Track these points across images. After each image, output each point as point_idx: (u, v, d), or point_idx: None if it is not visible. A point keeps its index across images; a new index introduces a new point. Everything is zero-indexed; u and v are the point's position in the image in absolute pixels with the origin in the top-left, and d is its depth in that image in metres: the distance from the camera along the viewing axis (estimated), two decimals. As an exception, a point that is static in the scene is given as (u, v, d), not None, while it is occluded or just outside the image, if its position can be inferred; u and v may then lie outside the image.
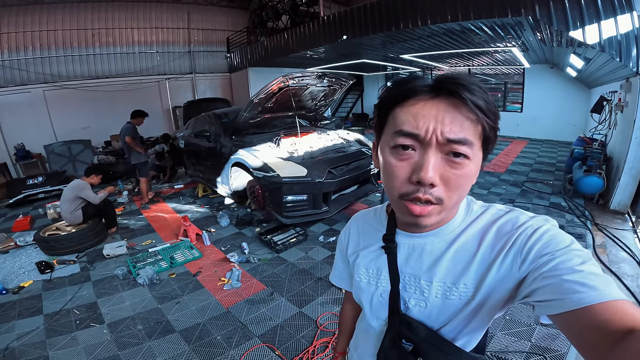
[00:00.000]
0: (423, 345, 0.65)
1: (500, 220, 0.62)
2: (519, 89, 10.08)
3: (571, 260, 0.49)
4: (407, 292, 0.68)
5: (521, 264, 0.55)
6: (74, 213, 4.20)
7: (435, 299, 0.64)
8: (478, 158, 0.56)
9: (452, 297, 0.62)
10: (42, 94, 8.81)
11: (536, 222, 0.58)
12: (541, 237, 0.55)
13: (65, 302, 3.02)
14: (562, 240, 0.54)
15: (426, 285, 0.65)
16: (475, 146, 0.54)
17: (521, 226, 0.59)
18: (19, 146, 8.14)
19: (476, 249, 0.61)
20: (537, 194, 5.19)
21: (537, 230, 0.56)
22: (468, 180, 0.56)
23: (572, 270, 0.48)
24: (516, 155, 7.91)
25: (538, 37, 5.29)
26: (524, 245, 0.56)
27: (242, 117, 4.67)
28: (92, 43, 9.42)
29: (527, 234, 0.57)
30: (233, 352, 2.32)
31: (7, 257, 4.06)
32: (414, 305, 0.67)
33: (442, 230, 0.65)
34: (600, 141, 5.55)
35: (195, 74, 11.26)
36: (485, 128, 0.54)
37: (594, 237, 3.73)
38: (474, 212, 0.66)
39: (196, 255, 3.78)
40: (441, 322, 0.64)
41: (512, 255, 0.57)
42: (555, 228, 0.57)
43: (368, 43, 6.80)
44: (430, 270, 0.65)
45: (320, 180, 3.90)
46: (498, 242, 0.60)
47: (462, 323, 0.63)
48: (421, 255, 0.67)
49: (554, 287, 0.48)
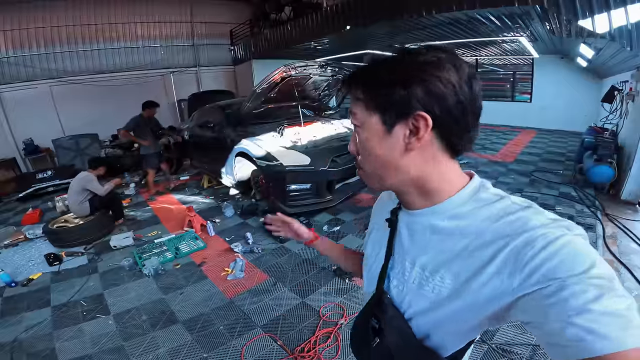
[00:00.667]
0: (385, 326, 0.63)
1: (509, 217, 0.53)
2: (527, 79, 9.88)
3: (585, 293, 0.41)
4: (394, 271, 0.67)
5: (520, 283, 0.47)
6: (81, 205, 4.25)
7: (411, 284, 0.62)
8: (370, 123, 0.59)
9: (426, 288, 0.59)
10: (48, 89, 8.91)
11: (552, 231, 0.47)
12: (554, 254, 0.45)
13: (73, 294, 3.07)
14: (580, 261, 0.44)
15: (409, 267, 0.63)
16: (358, 113, 0.60)
17: (529, 231, 0.49)
18: (28, 141, 8.27)
19: (467, 244, 0.55)
20: (547, 183, 5.11)
21: (550, 243, 0.46)
22: (366, 146, 0.60)
23: (582, 310, 0.40)
24: (525, 145, 7.79)
25: (547, 27, 5.15)
26: (529, 261, 0.46)
27: (245, 107, 4.66)
28: (97, 38, 9.47)
29: (536, 248, 0.46)
30: (235, 342, 2.33)
31: (16, 250, 4.13)
32: (395, 286, 0.65)
33: (435, 209, 0.60)
34: (611, 130, 5.43)
35: (199, 67, 11.26)
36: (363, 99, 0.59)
37: (604, 227, 3.66)
38: (481, 199, 0.58)
39: (201, 245, 3.80)
40: (413, 312, 0.62)
41: (509, 269, 0.49)
42: (575, 241, 0.46)
43: (372, 33, 6.71)
44: (416, 253, 0.63)
45: (324, 168, 3.88)
46: (492, 243, 0.52)
47: (434, 321, 0.59)
48: (412, 234, 0.64)
49: (557, 329, 0.42)
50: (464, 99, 0.53)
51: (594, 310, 0.40)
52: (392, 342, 0.62)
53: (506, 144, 7.95)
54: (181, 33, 10.86)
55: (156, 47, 10.47)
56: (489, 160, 6.55)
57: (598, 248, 3.22)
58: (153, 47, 10.42)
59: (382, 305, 0.65)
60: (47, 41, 8.81)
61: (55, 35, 8.89)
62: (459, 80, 0.52)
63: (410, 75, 0.53)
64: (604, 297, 0.40)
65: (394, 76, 0.55)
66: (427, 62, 0.53)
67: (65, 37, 9.04)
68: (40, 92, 8.79)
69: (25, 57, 8.56)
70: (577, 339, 0.40)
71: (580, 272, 0.43)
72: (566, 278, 0.43)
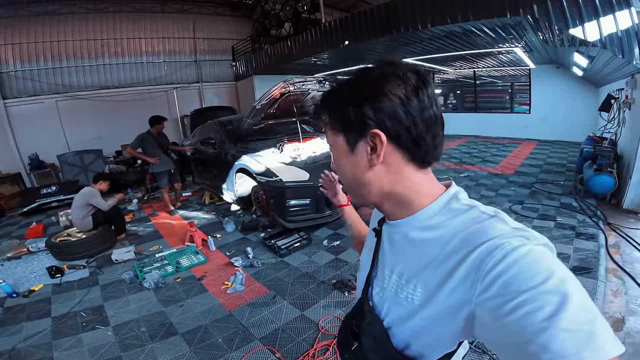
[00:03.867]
0: (362, 331, 0.65)
1: (473, 226, 0.54)
2: (526, 90, 9.96)
3: (541, 309, 0.40)
4: (377, 278, 0.69)
5: (479, 294, 0.47)
6: (85, 220, 4.30)
7: (389, 292, 0.64)
8: (337, 143, 0.64)
9: (401, 295, 0.60)
10: (54, 104, 9.07)
11: (511, 241, 0.47)
12: (510, 266, 0.45)
13: (73, 305, 3.10)
14: (535, 273, 0.43)
15: (387, 275, 0.65)
16: (328, 136, 0.66)
17: (488, 242, 0.49)
18: (33, 156, 8.36)
19: (436, 254, 0.56)
20: (547, 194, 5.10)
21: (508, 254, 0.46)
22: (338, 164, 0.67)
23: (538, 328, 0.40)
24: (525, 156, 7.80)
25: (540, 37, 5.25)
26: (488, 273, 0.46)
27: (245, 123, 4.74)
28: (102, 53, 9.70)
29: (495, 259, 0.46)
30: (233, 355, 2.33)
31: (19, 263, 4.19)
32: (376, 293, 0.68)
33: (409, 221, 0.62)
34: (610, 139, 5.45)
35: (202, 83, 11.46)
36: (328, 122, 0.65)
37: (606, 237, 3.64)
38: (452, 210, 0.59)
39: (201, 260, 3.82)
40: (391, 320, 0.63)
41: (471, 280, 0.49)
42: (533, 251, 0.46)
43: (370, 48, 6.84)
44: (394, 262, 0.65)
45: None
46: (457, 253, 0.52)
47: (412, 330, 0.59)
48: (391, 244, 0.67)
49: (514, 348, 0.43)
50: (413, 110, 0.55)
51: (550, 327, 0.39)
52: (368, 346, 0.64)
53: (506, 156, 7.97)
54: (184, 49, 11.11)
55: (160, 63, 10.70)
56: (489, 173, 6.56)
57: (601, 257, 3.20)
58: (157, 62, 10.64)
59: (362, 311, 0.67)
60: (55, 56, 9.02)
61: (62, 50, 9.11)
62: (405, 92, 0.55)
63: (360, 96, 0.57)
64: (560, 313, 0.39)
65: (348, 98, 0.59)
66: (374, 79, 0.57)
67: (72, 51, 9.26)
68: (47, 106, 8.94)
69: (33, 72, 8.75)
70: (534, 357, 0.39)
71: (536, 285, 0.42)
72: (522, 292, 0.42)
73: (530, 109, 9.94)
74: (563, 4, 3.72)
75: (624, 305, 2.57)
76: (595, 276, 2.89)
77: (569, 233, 3.76)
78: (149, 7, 10.30)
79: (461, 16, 4.58)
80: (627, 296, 2.67)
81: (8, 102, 8.41)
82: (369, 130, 0.57)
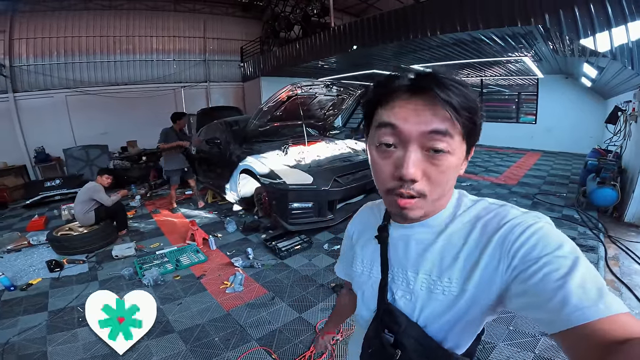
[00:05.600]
0: (403, 336, 0.64)
1: (489, 215, 0.60)
2: (532, 100, 9.92)
3: (557, 270, 0.47)
4: (395, 283, 0.68)
5: (507, 268, 0.53)
6: (87, 214, 4.32)
7: (420, 291, 0.64)
8: (460, 150, 0.57)
9: (436, 291, 0.62)
10: (64, 98, 9.19)
11: (526, 219, 0.56)
12: (529, 238, 0.52)
13: (71, 300, 3.10)
14: (550, 242, 0.51)
15: (412, 277, 0.65)
16: (454, 139, 0.55)
17: (508, 223, 0.56)
18: (39, 149, 8.47)
19: (462, 244, 0.61)
20: (549, 206, 5.07)
21: (526, 229, 0.53)
22: (449, 174, 0.58)
23: (555, 286, 0.46)
24: (529, 167, 7.75)
25: (550, 47, 5.24)
26: (511, 247, 0.53)
27: (251, 124, 4.75)
28: (113, 50, 9.83)
29: (515, 234, 0.54)
30: (230, 354, 2.32)
31: (19, 255, 4.20)
32: (400, 297, 0.67)
33: (430, 222, 0.65)
34: (615, 152, 5.41)
35: (209, 82, 11.55)
36: (461, 122, 0.54)
37: (606, 249, 3.61)
38: (464, 205, 0.65)
39: (202, 258, 3.82)
40: (426, 317, 0.63)
41: (498, 256, 0.55)
42: (546, 226, 0.54)
43: (379, 53, 6.88)
44: (417, 262, 0.65)
45: (326, 188, 3.92)
46: (482, 238, 0.58)
47: (448, 323, 0.62)
48: (409, 246, 0.67)
49: (540, 306, 0.48)
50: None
51: (566, 283, 0.45)
52: (413, 349, 0.63)
53: (510, 166, 7.92)
54: (194, 48, 11.22)
55: (169, 61, 10.80)
56: (491, 182, 6.52)
57: (599, 269, 3.18)
58: (167, 61, 10.75)
59: (393, 317, 0.66)
60: (67, 51, 9.17)
61: (75, 45, 9.25)
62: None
63: (479, 107, 0.57)
64: (573, 272, 0.46)
65: (475, 105, 0.56)
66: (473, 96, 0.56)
67: (85, 47, 9.40)
68: (56, 101, 9.07)
69: (45, 66, 8.88)
70: (557, 311, 0.45)
71: (551, 251, 0.49)
72: (540, 258, 0.49)
73: (537, 119, 9.89)
74: (575, 13, 3.71)
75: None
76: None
77: (569, 245, 3.74)
78: (161, 5, 10.44)
79: (471, 24, 4.58)
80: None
81: (18, 95, 8.52)
82: (476, 140, 0.61)
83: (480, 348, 2.26)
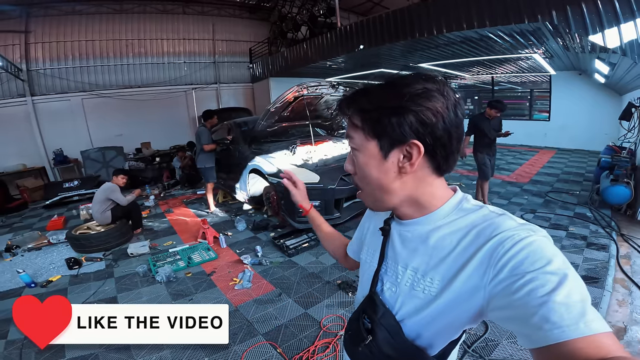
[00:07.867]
0: (377, 325, 0.68)
1: (484, 223, 0.60)
2: (546, 97, 9.74)
3: (543, 286, 0.47)
4: (387, 274, 0.73)
5: (492, 279, 0.54)
6: (104, 214, 4.49)
7: (404, 286, 0.67)
8: (368, 148, 0.65)
9: (418, 288, 0.65)
10: (80, 101, 9.46)
11: (519, 232, 0.54)
12: (519, 252, 0.52)
13: (88, 296, 3.25)
14: (539, 258, 0.50)
15: (401, 271, 0.69)
16: (356, 138, 0.66)
17: (499, 234, 0.55)
18: (58, 151, 8.75)
19: (452, 248, 0.61)
20: (562, 204, 5.01)
21: (517, 243, 0.53)
22: (367, 170, 0.66)
23: (539, 302, 0.46)
24: (542, 165, 7.64)
25: (561, 44, 5.16)
26: (500, 259, 0.53)
27: (259, 125, 4.84)
28: (126, 53, 10.08)
29: (506, 247, 0.53)
30: (237, 348, 2.41)
31: (39, 254, 4.40)
32: (388, 289, 0.71)
33: (424, 220, 0.67)
34: (629, 149, 5.29)
35: (219, 84, 11.71)
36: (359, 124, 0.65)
37: (618, 247, 3.56)
38: (464, 210, 0.65)
39: (212, 256, 3.94)
40: (404, 312, 0.67)
41: (484, 267, 0.55)
42: (539, 240, 0.53)
43: (386, 52, 6.87)
44: (408, 258, 0.69)
45: (333, 187, 3.98)
46: (472, 246, 0.58)
47: (423, 321, 0.64)
48: (404, 241, 0.71)
49: (521, 320, 0.48)
50: (450, 126, 0.60)
51: (550, 301, 0.45)
52: (383, 339, 0.67)
53: (522, 164, 7.83)
54: (203, 50, 11.38)
55: (180, 64, 11.00)
56: (502, 180, 6.46)
57: (610, 267, 3.16)
58: (177, 63, 10.96)
59: (374, 306, 0.71)
60: (82, 54, 9.44)
61: (89, 49, 9.53)
62: (446, 109, 0.59)
63: (403, 106, 0.58)
64: (558, 289, 0.46)
65: (387, 104, 0.60)
66: (417, 94, 0.58)
67: (99, 50, 9.67)
68: (73, 104, 9.34)
69: (61, 70, 9.17)
70: (537, 327, 0.45)
71: (540, 267, 0.49)
72: (526, 273, 0.49)
73: (550, 117, 9.71)
74: (583, 9, 3.66)
75: (628, 314, 2.53)
76: (602, 286, 2.86)
77: (579, 243, 3.70)
78: (171, 9, 10.64)
79: (477, 22, 4.56)
80: (632, 306, 2.63)
81: (36, 98, 8.80)
82: (408, 140, 0.60)
83: (484, 345, 2.29)
